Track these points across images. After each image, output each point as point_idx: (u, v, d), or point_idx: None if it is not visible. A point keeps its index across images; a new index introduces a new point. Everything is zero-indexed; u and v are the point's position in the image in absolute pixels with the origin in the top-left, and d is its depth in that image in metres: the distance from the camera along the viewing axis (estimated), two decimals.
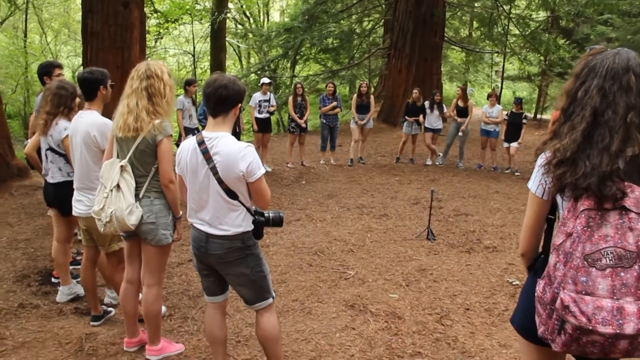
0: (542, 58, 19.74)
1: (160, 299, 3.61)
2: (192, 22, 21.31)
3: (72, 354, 3.70)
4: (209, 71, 19.86)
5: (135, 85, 3.25)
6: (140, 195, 3.32)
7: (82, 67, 11.19)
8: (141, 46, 11.03)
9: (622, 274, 1.70)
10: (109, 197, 3.24)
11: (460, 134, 11.73)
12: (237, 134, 10.44)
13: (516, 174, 11.43)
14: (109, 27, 10.26)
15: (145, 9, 12.15)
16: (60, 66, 5.52)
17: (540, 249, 2.12)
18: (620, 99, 1.81)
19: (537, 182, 2.01)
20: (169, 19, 18.16)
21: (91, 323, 4.21)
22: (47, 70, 5.48)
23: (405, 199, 8.82)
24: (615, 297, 1.70)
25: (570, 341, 1.76)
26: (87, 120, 3.73)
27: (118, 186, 3.24)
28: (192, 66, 23.77)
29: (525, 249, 2.13)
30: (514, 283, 5.20)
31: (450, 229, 7.12)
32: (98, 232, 3.65)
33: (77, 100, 4.35)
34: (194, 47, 22.67)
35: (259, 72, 19.67)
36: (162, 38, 19.54)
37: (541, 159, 1.97)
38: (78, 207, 3.86)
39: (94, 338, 3.94)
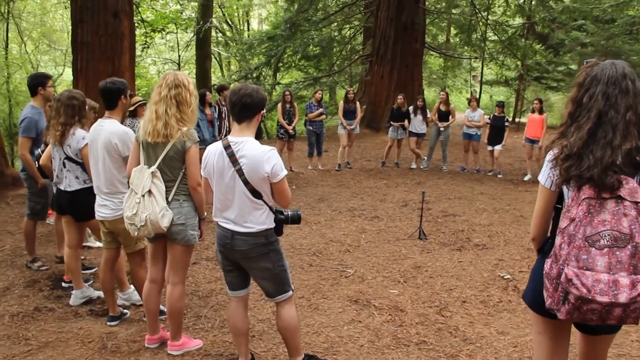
0: (519, 63, 20.27)
1: (184, 296, 3.84)
2: (177, 31, 21.47)
3: (97, 352, 3.90)
4: (194, 80, 20.02)
5: (164, 93, 3.48)
6: (170, 199, 3.55)
7: (71, 77, 11.28)
8: (131, 55, 11.20)
9: (618, 252, 2.02)
10: (141, 203, 3.46)
11: (441, 129, 12.07)
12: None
13: (499, 175, 11.82)
14: (100, 37, 10.41)
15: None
16: (51, 77, 5.72)
17: (548, 234, 2.44)
18: (621, 101, 2.16)
19: (546, 175, 2.33)
20: (155, 28, 18.31)
21: (108, 323, 4.40)
22: (41, 81, 5.63)
23: (394, 201, 9.12)
24: (611, 272, 2.02)
25: (573, 310, 2.08)
26: (109, 129, 3.96)
27: (150, 192, 3.46)
28: None
29: (536, 234, 2.45)
30: (505, 277, 5.51)
31: (440, 229, 7.43)
32: (124, 234, 3.87)
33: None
34: (179, 56, 22.83)
35: (242, 80, 19.88)
36: (148, 47, 19.65)
37: (550, 155, 2.29)
38: (103, 211, 4.07)
39: (114, 337, 4.14)
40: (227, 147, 3.17)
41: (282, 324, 3.43)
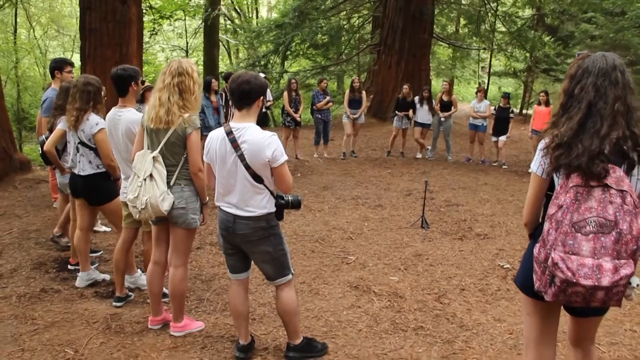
0: (527, 55, 20.20)
1: (186, 279, 3.93)
2: (185, 18, 21.49)
3: (101, 332, 4.00)
4: (202, 67, 20.06)
5: (168, 80, 3.55)
6: (172, 183, 3.62)
7: (79, 63, 11.34)
8: (139, 42, 11.25)
9: (602, 238, 2.09)
10: (143, 186, 3.54)
11: (442, 119, 12.11)
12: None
13: (503, 166, 11.84)
14: (107, 23, 10.44)
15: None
16: (72, 64, 5.80)
17: (540, 220, 2.51)
18: (610, 92, 2.23)
19: (537, 163, 2.40)
20: (163, 15, 18.34)
21: (114, 304, 4.50)
22: (60, 65, 5.76)
23: (398, 190, 9.17)
24: (595, 257, 2.09)
25: (558, 292, 2.17)
26: (127, 118, 4.09)
27: (151, 175, 3.54)
28: None
29: (528, 220, 2.54)
30: (504, 266, 5.56)
31: (442, 218, 7.48)
32: None
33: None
34: (187, 43, 22.86)
35: (249, 68, 19.91)
36: (156, 34, 19.69)
37: (541, 144, 2.37)
38: None
39: (118, 318, 4.24)
40: (229, 133, 3.24)
41: (281, 307, 3.51)
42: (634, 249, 2.10)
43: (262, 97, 3.34)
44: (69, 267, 5.36)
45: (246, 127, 3.23)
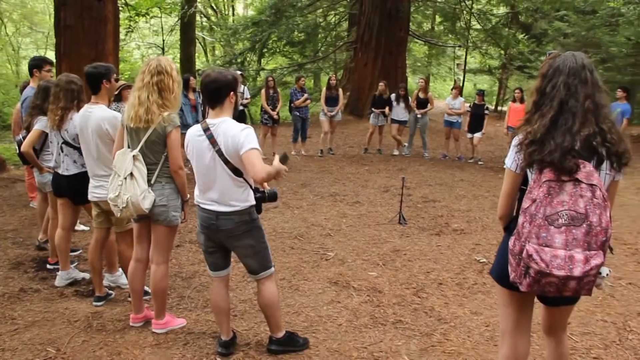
0: (502, 52, 20.48)
1: (167, 276, 3.95)
2: (161, 15, 21.34)
3: (83, 330, 4.00)
4: (178, 64, 19.95)
5: (147, 79, 3.56)
6: (152, 181, 3.65)
7: (54, 60, 11.22)
8: (115, 40, 11.16)
9: (574, 230, 2.18)
10: (123, 185, 3.56)
11: (418, 116, 12.22)
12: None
13: (479, 163, 12.02)
14: (83, 20, 10.34)
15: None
16: (52, 63, 5.76)
17: (514, 214, 2.60)
18: (580, 90, 2.33)
19: (512, 159, 2.49)
20: (139, 12, 18.21)
21: (94, 303, 4.49)
22: (39, 63, 5.71)
23: (375, 187, 9.26)
24: (567, 248, 2.19)
25: (533, 282, 2.26)
26: (98, 115, 4.05)
27: (132, 174, 3.56)
28: None
29: (502, 213, 2.62)
30: (481, 261, 5.67)
31: (419, 214, 7.58)
32: None
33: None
34: (163, 41, 22.70)
35: (226, 65, 19.86)
36: (132, 31, 19.53)
37: (515, 140, 2.45)
38: (98, 192, 4.15)
39: (99, 316, 4.24)
40: (206, 129, 3.27)
41: (263, 300, 3.56)
42: (603, 240, 2.20)
43: (232, 92, 3.35)
44: (48, 266, 5.32)
45: (221, 122, 3.27)
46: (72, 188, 4.59)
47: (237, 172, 3.28)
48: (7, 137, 14.82)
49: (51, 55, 16.46)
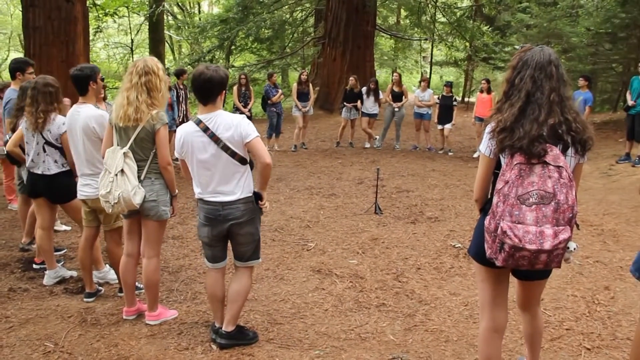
0: (467, 44, 20.87)
1: (159, 269, 4.10)
2: (129, 14, 21.21)
3: (78, 325, 4.11)
4: None
5: (135, 80, 3.70)
6: (142, 177, 3.79)
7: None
8: (85, 40, 11.18)
9: (544, 208, 2.41)
10: (114, 181, 3.69)
11: (396, 109, 12.46)
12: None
13: (449, 153, 12.34)
14: (52, 21, 10.33)
15: None
16: (33, 65, 5.81)
17: (489, 196, 2.82)
18: (545, 84, 2.55)
19: (485, 145, 2.71)
20: (107, 12, 18.10)
21: (85, 299, 4.60)
22: (21, 66, 5.75)
23: (349, 179, 9.48)
24: (538, 225, 2.42)
25: (507, 257, 2.48)
26: (85, 114, 4.15)
27: (122, 171, 3.69)
28: (127, 58, 23.59)
29: (478, 196, 2.84)
30: (456, 246, 5.93)
31: (394, 204, 7.83)
32: (105, 212, 4.09)
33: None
34: (132, 40, 22.56)
35: (195, 64, 19.86)
36: (101, 31, 19.40)
37: (488, 128, 2.67)
38: (87, 190, 4.26)
39: (92, 311, 4.35)
40: (205, 129, 3.41)
41: (237, 287, 3.70)
42: (570, 217, 2.44)
43: (224, 91, 3.52)
44: (34, 266, 5.39)
45: (216, 115, 3.43)
46: (52, 187, 4.70)
47: (243, 161, 3.46)
48: None
49: (16, 56, 16.24)
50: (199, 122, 3.43)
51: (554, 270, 2.76)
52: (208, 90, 3.43)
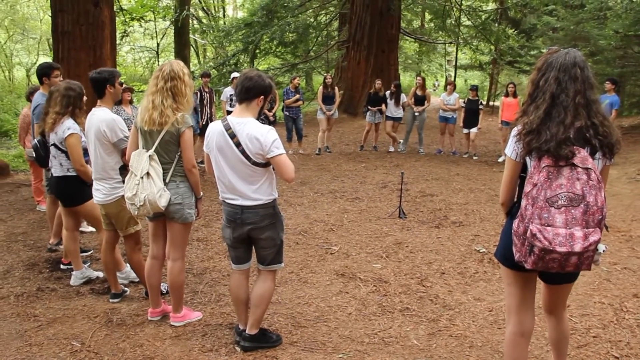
0: (492, 47, 20.71)
1: (184, 271, 4.13)
2: (155, 19, 21.47)
3: (104, 325, 4.17)
4: None
5: (160, 84, 3.73)
6: (167, 180, 3.82)
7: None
8: (112, 44, 11.28)
9: (573, 211, 2.38)
10: (140, 184, 3.72)
11: (416, 113, 12.42)
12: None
13: (474, 157, 12.23)
14: (80, 26, 10.46)
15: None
16: (59, 68, 5.90)
17: (515, 199, 2.80)
18: (570, 86, 2.52)
19: (511, 148, 2.68)
20: (134, 17, 18.34)
21: (111, 300, 4.66)
22: (46, 71, 5.84)
23: (373, 183, 9.46)
24: (568, 227, 2.39)
25: (537, 260, 2.46)
26: (98, 117, 4.19)
27: (148, 174, 3.72)
28: (152, 62, 23.85)
29: (504, 199, 2.82)
30: (481, 251, 5.87)
31: (418, 208, 7.78)
32: (116, 218, 4.17)
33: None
34: (158, 44, 22.82)
35: (220, 67, 20.00)
36: (127, 35, 19.67)
37: (514, 131, 2.65)
38: (98, 195, 4.31)
39: (118, 312, 4.41)
40: (228, 128, 3.44)
41: (259, 291, 3.70)
42: (600, 219, 2.41)
43: (261, 97, 3.52)
44: (62, 266, 5.47)
45: (245, 122, 3.43)
46: (58, 190, 4.80)
47: (261, 167, 3.45)
48: (4, 144, 14.91)
49: (44, 60, 16.50)
50: (228, 128, 3.45)
51: (580, 276, 2.73)
52: (245, 88, 3.47)
